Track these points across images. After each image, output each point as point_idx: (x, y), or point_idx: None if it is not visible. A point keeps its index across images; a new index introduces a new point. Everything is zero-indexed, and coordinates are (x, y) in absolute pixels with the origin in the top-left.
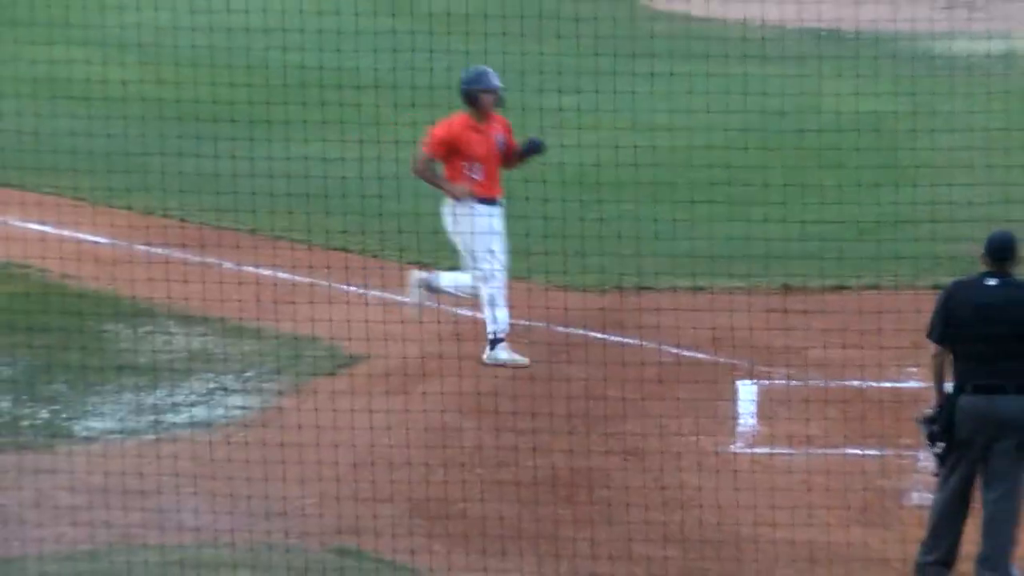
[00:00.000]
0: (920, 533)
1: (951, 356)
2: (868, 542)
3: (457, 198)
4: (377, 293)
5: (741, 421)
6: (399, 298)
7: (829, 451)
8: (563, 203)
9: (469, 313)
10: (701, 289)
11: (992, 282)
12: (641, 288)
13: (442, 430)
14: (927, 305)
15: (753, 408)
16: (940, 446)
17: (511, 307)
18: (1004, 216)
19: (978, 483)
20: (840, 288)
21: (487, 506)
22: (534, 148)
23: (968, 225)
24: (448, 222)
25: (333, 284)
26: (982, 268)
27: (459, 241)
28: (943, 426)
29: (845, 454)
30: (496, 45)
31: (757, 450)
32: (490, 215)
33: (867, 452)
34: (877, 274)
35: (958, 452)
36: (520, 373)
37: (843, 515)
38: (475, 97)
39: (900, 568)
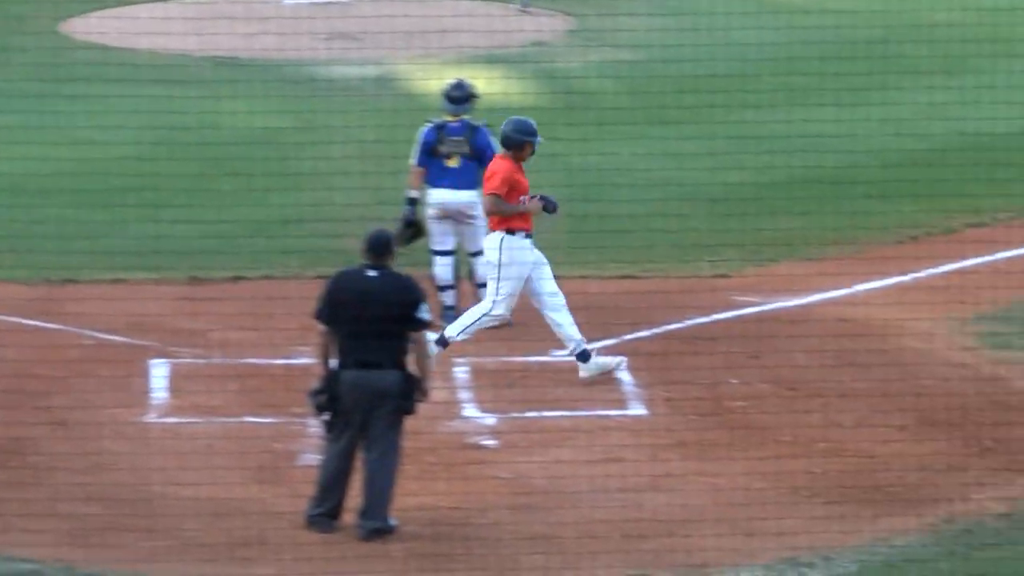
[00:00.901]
0: (310, 489)
1: (335, 336)
2: (264, 498)
3: (534, 211)
4: None
5: (154, 395)
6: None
7: (231, 420)
8: None
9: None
10: (119, 281)
11: (372, 273)
12: (66, 280)
13: None
14: (314, 293)
15: (165, 383)
16: (327, 415)
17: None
18: (379, 215)
19: (360, 446)
20: (239, 279)
21: None
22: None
23: (348, 224)
24: (494, 250)
25: None
26: (362, 260)
27: (500, 270)
28: (329, 397)
29: (244, 422)
30: None
31: (168, 420)
32: (531, 246)
33: (264, 420)
34: (270, 266)
35: (343, 419)
36: None
37: (243, 475)
38: (522, 145)
39: (293, 519)
